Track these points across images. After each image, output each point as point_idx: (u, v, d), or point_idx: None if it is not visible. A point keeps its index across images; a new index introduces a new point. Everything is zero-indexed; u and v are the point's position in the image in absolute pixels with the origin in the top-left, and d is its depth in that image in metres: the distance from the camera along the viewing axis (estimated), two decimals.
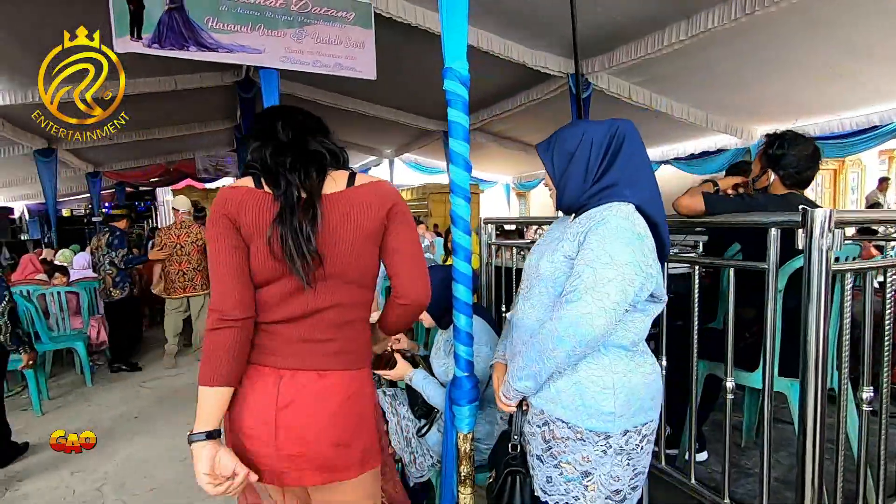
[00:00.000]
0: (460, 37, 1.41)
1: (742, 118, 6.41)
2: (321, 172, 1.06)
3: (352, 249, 1.04)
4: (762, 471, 1.40)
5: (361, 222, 1.05)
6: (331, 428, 1.04)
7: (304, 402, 1.03)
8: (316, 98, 6.93)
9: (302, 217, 0.99)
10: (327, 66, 4.14)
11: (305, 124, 1.12)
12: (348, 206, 1.05)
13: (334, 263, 1.03)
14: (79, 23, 3.96)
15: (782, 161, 1.79)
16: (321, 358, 1.06)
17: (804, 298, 1.21)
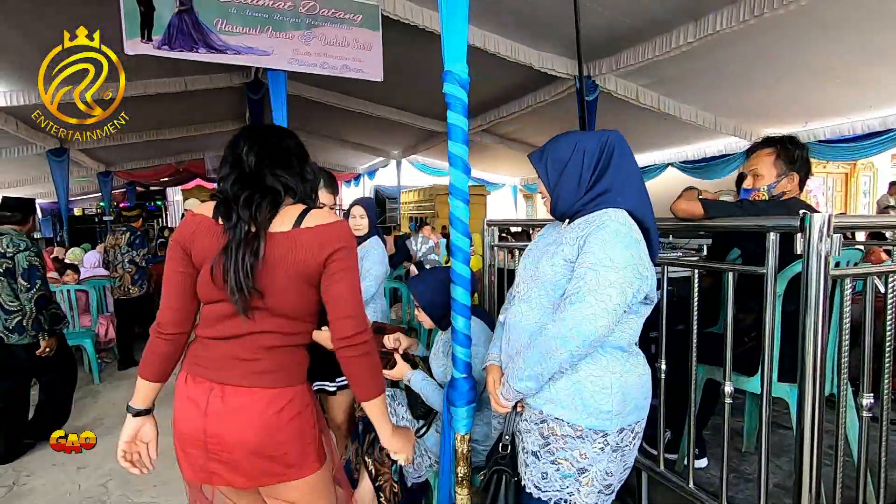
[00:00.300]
0: (460, 39, 1.42)
1: (751, 121, 6.37)
2: (274, 208, 1.11)
3: (288, 287, 1.10)
4: (759, 476, 1.39)
5: (299, 264, 1.09)
6: (252, 440, 1.10)
7: (229, 413, 1.10)
8: (323, 99, 6.97)
9: (245, 253, 1.06)
10: (334, 67, 4.16)
11: (272, 154, 1.15)
12: (289, 247, 1.10)
13: (271, 298, 1.10)
14: (94, 24, 4.03)
15: (803, 162, 1.77)
16: (248, 376, 1.12)
17: (802, 303, 1.21)
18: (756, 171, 1.77)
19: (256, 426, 1.10)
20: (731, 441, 1.99)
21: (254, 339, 1.12)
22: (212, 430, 1.10)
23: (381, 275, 2.63)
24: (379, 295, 2.74)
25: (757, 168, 1.77)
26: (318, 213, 1.15)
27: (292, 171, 1.17)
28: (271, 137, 1.19)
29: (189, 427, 1.13)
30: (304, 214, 1.13)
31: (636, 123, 6.62)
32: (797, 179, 1.75)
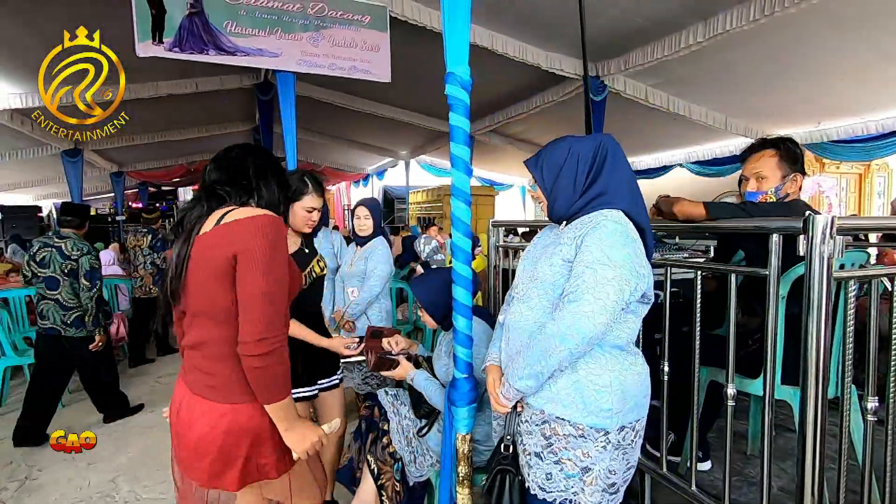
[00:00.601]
0: (462, 41, 1.43)
1: (763, 121, 6.29)
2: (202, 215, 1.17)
3: (204, 288, 1.12)
4: (762, 479, 1.38)
5: (208, 262, 1.10)
6: (204, 449, 1.16)
7: (191, 424, 1.17)
8: (332, 100, 7.01)
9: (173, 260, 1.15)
10: (343, 69, 4.17)
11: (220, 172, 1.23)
12: (203, 246, 1.12)
13: (196, 300, 1.14)
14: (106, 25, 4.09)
15: (803, 163, 1.75)
16: (205, 389, 1.17)
17: (805, 305, 1.20)
18: (760, 174, 1.73)
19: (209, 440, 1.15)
20: (736, 444, 1.99)
21: (202, 350, 1.17)
22: (176, 430, 1.22)
23: (386, 274, 2.65)
24: (384, 295, 2.76)
25: (761, 170, 1.73)
26: (241, 211, 1.14)
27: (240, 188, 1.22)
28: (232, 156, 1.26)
29: (171, 420, 1.25)
30: (228, 213, 1.13)
31: (645, 123, 6.58)
32: (800, 181, 1.73)
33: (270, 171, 1.26)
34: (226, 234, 1.10)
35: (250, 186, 1.22)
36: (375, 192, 12.74)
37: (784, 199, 1.72)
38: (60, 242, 3.10)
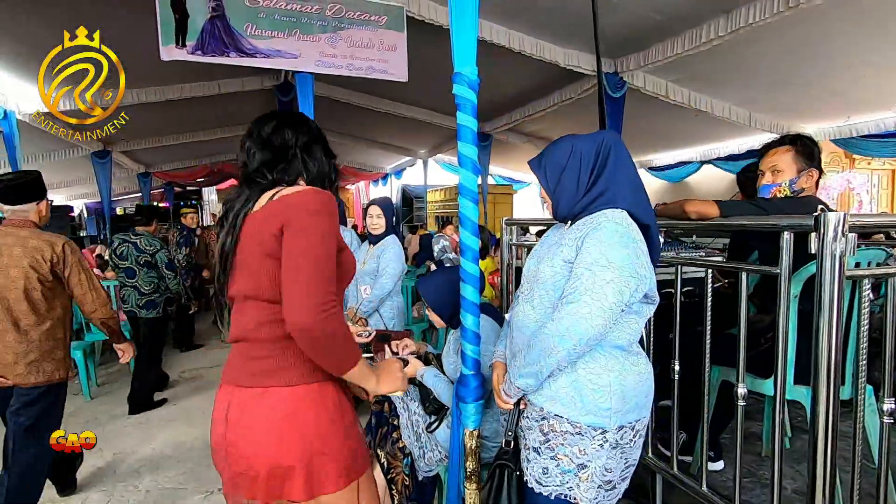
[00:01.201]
0: (469, 41, 1.44)
1: (788, 116, 6.13)
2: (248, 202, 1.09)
3: (251, 268, 1.04)
4: (773, 480, 1.36)
5: (260, 239, 1.03)
6: (265, 448, 1.02)
7: (244, 419, 1.03)
8: (350, 100, 7.08)
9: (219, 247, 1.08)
10: (360, 69, 4.22)
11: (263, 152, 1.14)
12: (255, 224, 1.05)
13: (247, 283, 1.05)
14: (132, 31, 4.22)
15: (820, 159, 1.73)
16: (259, 375, 1.05)
17: (816, 304, 1.18)
18: (776, 168, 1.73)
19: (267, 431, 1.01)
20: (751, 445, 1.96)
21: (261, 332, 1.05)
22: (231, 438, 1.04)
23: (398, 273, 2.68)
24: (396, 292, 2.79)
25: (776, 164, 1.73)
26: (291, 188, 1.08)
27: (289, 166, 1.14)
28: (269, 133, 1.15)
29: (215, 436, 1.08)
30: (280, 191, 1.07)
31: (666, 120, 6.47)
32: (816, 176, 1.70)
33: (314, 141, 1.18)
34: (272, 209, 1.04)
35: (297, 164, 1.14)
36: (394, 191, 12.81)
37: (798, 194, 1.69)
38: (136, 239, 3.64)
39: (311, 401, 1.04)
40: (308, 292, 0.95)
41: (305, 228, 0.99)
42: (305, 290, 0.95)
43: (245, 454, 1.03)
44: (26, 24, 4.09)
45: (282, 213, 1.02)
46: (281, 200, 1.05)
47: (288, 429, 1.02)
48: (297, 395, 1.03)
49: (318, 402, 1.05)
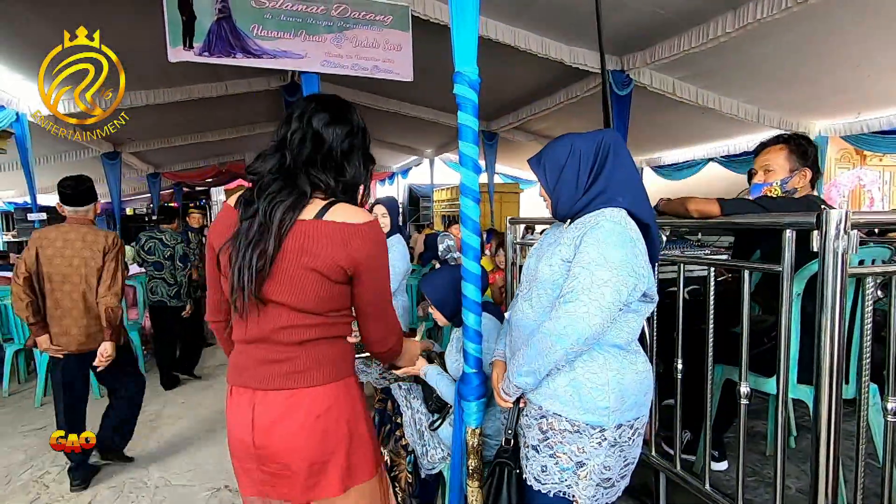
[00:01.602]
0: (470, 41, 1.44)
1: (798, 113, 6.07)
2: (293, 210, 1.03)
3: (304, 281, 1.02)
4: (775, 478, 1.36)
5: (311, 257, 1.01)
6: (303, 447, 1.05)
7: (276, 422, 1.05)
8: (356, 100, 7.10)
9: (255, 252, 1.00)
10: (365, 69, 4.23)
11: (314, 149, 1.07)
12: (304, 237, 1.02)
13: (286, 291, 1.03)
14: (140, 33, 4.26)
15: (815, 159, 1.72)
16: (286, 378, 1.06)
17: (818, 302, 1.17)
18: (767, 167, 1.74)
19: (307, 430, 1.04)
20: (756, 444, 1.95)
21: (282, 335, 1.05)
22: (260, 442, 1.06)
23: (402, 272, 2.69)
24: (401, 291, 2.80)
25: (769, 163, 1.74)
26: (344, 208, 1.06)
27: (329, 169, 1.09)
28: (321, 126, 1.08)
29: (240, 441, 1.09)
30: (330, 207, 1.05)
31: (673, 118, 6.43)
32: (809, 176, 1.69)
33: (356, 146, 1.13)
34: (340, 234, 1.02)
35: (339, 170, 1.10)
36: (401, 191, 12.83)
37: (792, 194, 1.69)
38: (161, 235, 4.09)
39: (343, 396, 1.10)
40: (393, 326, 1.21)
41: (381, 273, 1.12)
42: (392, 325, 1.21)
43: (280, 456, 1.05)
44: (37, 27, 4.14)
45: (351, 248, 1.03)
46: (343, 229, 1.03)
47: (324, 425, 1.06)
48: (330, 393, 1.08)
49: (349, 397, 1.11)
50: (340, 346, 1.12)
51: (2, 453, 2.91)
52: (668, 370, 1.80)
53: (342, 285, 1.06)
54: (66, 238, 2.38)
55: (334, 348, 1.10)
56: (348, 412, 1.10)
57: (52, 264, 2.36)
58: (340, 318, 1.11)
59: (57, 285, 2.37)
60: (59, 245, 2.37)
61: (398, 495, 1.77)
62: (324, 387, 1.07)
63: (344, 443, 1.08)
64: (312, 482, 1.06)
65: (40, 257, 2.35)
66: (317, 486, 1.06)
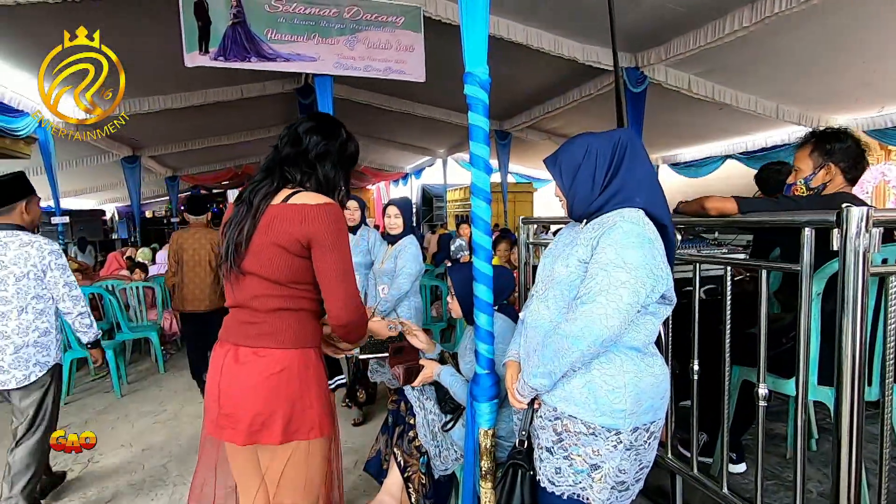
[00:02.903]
0: (480, 41, 1.44)
1: (818, 108, 5.93)
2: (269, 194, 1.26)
3: (270, 254, 1.22)
4: (795, 481, 1.33)
5: (275, 234, 1.22)
6: (251, 400, 1.22)
7: (238, 371, 1.24)
8: (369, 101, 7.14)
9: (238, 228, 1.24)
10: (378, 70, 4.25)
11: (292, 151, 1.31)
12: (271, 217, 1.23)
13: (257, 263, 1.23)
14: (157, 39, 4.33)
15: (843, 152, 1.67)
16: (255, 336, 1.25)
17: (839, 302, 1.14)
18: (796, 166, 1.73)
19: (259, 384, 1.21)
20: (776, 447, 1.91)
21: (256, 303, 1.25)
22: (224, 386, 1.25)
23: (415, 272, 2.70)
24: (414, 292, 2.80)
25: (796, 162, 1.73)
26: (306, 194, 1.26)
27: (300, 166, 1.31)
28: (302, 132, 1.32)
29: (210, 384, 1.29)
30: (295, 194, 1.26)
31: (689, 115, 6.33)
32: (835, 170, 1.64)
33: (330, 152, 1.33)
34: (297, 215, 1.21)
35: (310, 167, 1.31)
36: (414, 191, 12.86)
37: (819, 191, 1.65)
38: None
39: (298, 363, 1.25)
40: (346, 300, 1.24)
41: (334, 246, 1.22)
42: (344, 298, 1.24)
43: (235, 400, 1.23)
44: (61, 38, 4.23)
45: (305, 224, 1.21)
46: (301, 209, 1.22)
47: (275, 383, 1.22)
48: (287, 357, 1.24)
49: (303, 364, 1.26)
50: (304, 318, 1.29)
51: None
52: (683, 371, 1.77)
53: (301, 258, 1.23)
54: (194, 236, 3.59)
55: (298, 319, 1.27)
56: (299, 377, 1.25)
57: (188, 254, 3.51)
58: (305, 292, 1.28)
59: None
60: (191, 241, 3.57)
61: (411, 496, 1.78)
62: (283, 351, 1.24)
63: (289, 401, 1.23)
64: (254, 430, 1.22)
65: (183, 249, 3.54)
66: (258, 433, 1.23)
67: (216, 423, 1.27)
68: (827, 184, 1.65)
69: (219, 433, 1.28)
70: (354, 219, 3.05)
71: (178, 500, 2.41)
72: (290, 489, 1.28)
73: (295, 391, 1.24)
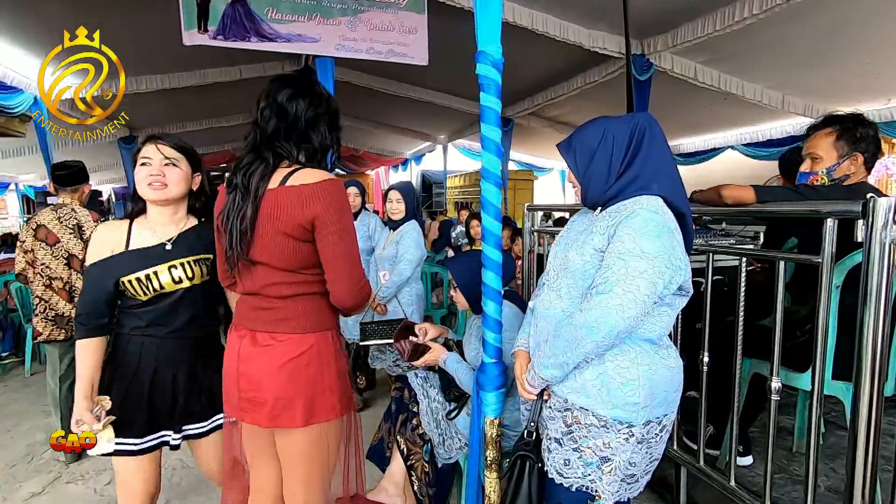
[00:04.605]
0: (494, 20, 1.38)
1: (824, 99, 5.87)
2: (264, 176, 1.20)
3: (276, 243, 1.19)
4: (807, 476, 1.31)
5: (279, 222, 1.18)
6: (271, 383, 1.22)
7: (255, 356, 1.24)
8: (370, 84, 7.03)
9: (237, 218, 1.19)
10: (380, 52, 4.17)
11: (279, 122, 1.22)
12: (272, 204, 1.18)
13: (265, 253, 1.21)
14: (156, 17, 4.23)
15: (870, 141, 1.60)
16: (273, 323, 1.24)
17: (861, 295, 1.11)
18: (814, 154, 1.63)
19: (279, 368, 1.21)
20: (782, 440, 1.90)
21: (269, 291, 1.24)
22: (243, 370, 1.25)
23: (417, 258, 2.66)
24: (415, 278, 2.77)
25: (815, 150, 1.62)
26: (304, 172, 1.21)
27: (293, 139, 1.23)
28: (285, 101, 1.22)
29: (228, 369, 1.29)
30: (293, 174, 1.20)
31: (693, 103, 6.26)
32: (861, 160, 1.59)
33: (320, 115, 1.27)
34: (297, 196, 1.17)
35: (303, 137, 1.25)
36: (414, 177, 12.76)
37: (840, 181, 1.59)
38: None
39: (316, 346, 1.25)
40: (352, 283, 1.22)
41: (340, 231, 1.19)
42: (350, 282, 1.22)
43: (255, 384, 1.23)
44: (53, 9, 4.13)
45: (307, 206, 1.16)
46: (301, 191, 1.17)
47: (294, 368, 1.22)
48: (305, 342, 1.24)
49: (321, 348, 1.26)
50: (319, 301, 1.27)
51: (24, 432, 2.97)
52: (691, 362, 1.75)
53: (309, 243, 1.20)
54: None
55: (315, 303, 1.26)
56: (319, 360, 1.24)
57: None
58: (317, 276, 1.25)
59: None
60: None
61: (414, 484, 1.76)
62: (301, 335, 1.24)
63: (309, 385, 1.23)
64: (276, 413, 1.22)
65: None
66: (280, 417, 1.22)
67: (238, 407, 1.28)
68: (850, 174, 1.60)
69: (241, 416, 1.29)
70: (355, 204, 3.03)
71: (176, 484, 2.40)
72: (305, 469, 1.29)
73: (314, 374, 1.24)
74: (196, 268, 1.46)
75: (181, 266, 1.43)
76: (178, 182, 1.46)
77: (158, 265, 1.41)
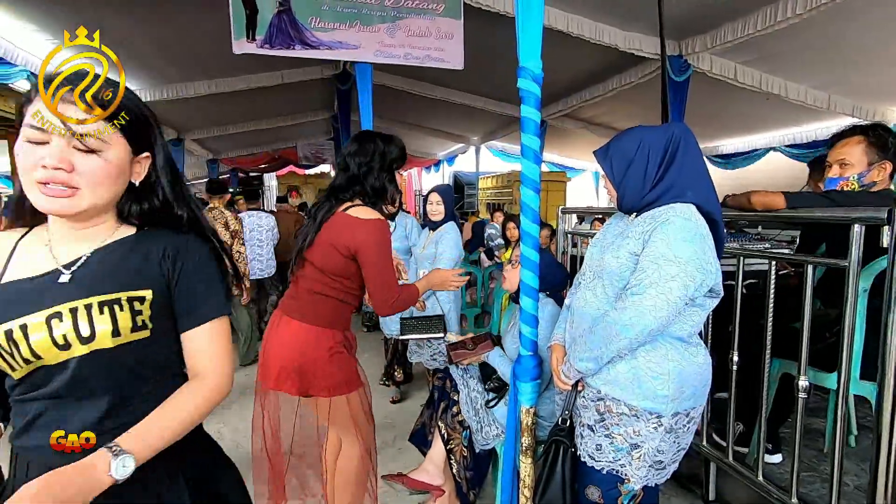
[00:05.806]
0: (535, 36, 1.48)
1: (874, 99, 5.66)
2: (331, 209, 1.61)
3: (322, 248, 1.58)
4: (832, 473, 1.36)
5: (332, 235, 1.57)
6: (279, 353, 1.58)
7: (277, 333, 1.61)
8: (406, 88, 7.18)
9: (306, 235, 1.62)
10: (417, 58, 4.29)
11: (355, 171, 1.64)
12: (332, 223, 1.59)
13: (315, 256, 1.59)
14: (205, 26, 4.47)
15: (895, 149, 1.63)
16: (294, 310, 1.62)
17: (886, 299, 1.16)
18: (844, 161, 1.65)
19: (285, 344, 1.57)
20: (815, 441, 1.93)
21: (305, 285, 1.61)
22: (270, 343, 1.61)
23: (455, 258, 2.77)
24: None
25: (845, 157, 1.65)
26: (360, 209, 1.59)
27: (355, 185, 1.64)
28: (347, 156, 1.66)
29: (265, 343, 1.64)
30: (352, 207, 1.60)
31: (733, 105, 6.14)
32: (890, 169, 1.61)
33: (372, 168, 1.64)
34: (350, 225, 1.55)
35: (359, 182, 1.63)
36: (446, 178, 12.88)
37: (869, 188, 1.62)
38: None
39: (318, 339, 1.57)
40: (383, 295, 1.57)
41: (377, 262, 1.55)
42: (381, 293, 1.57)
43: (269, 354, 1.60)
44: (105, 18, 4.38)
45: (352, 237, 1.54)
46: (353, 222, 1.55)
47: (290, 347, 1.57)
48: (311, 331, 1.58)
49: (322, 341, 1.57)
50: (335, 305, 1.61)
51: None
52: (721, 364, 1.80)
53: (347, 259, 1.55)
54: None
55: (330, 305, 1.60)
56: (315, 348, 1.56)
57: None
58: (342, 285, 1.60)
59: None
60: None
61: (453, 467, 1.88)
62: (308, 326, 1.58)
63: (305, 366, 1.55)
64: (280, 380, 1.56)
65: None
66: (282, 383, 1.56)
67: (266, 376, 1.61)
68: (877, 181, 1.63)
69: (265, 380, 1.62)
70: (440, 212, 3.03)
71: None
72: (344, 428, 1.66)
73: (310, 358, 1.55)
74: (107, 316, 0.79)
75: (73, 314, 0.78)
76: (100, 182, 0.81)
77: (31, 313, 0.77)
